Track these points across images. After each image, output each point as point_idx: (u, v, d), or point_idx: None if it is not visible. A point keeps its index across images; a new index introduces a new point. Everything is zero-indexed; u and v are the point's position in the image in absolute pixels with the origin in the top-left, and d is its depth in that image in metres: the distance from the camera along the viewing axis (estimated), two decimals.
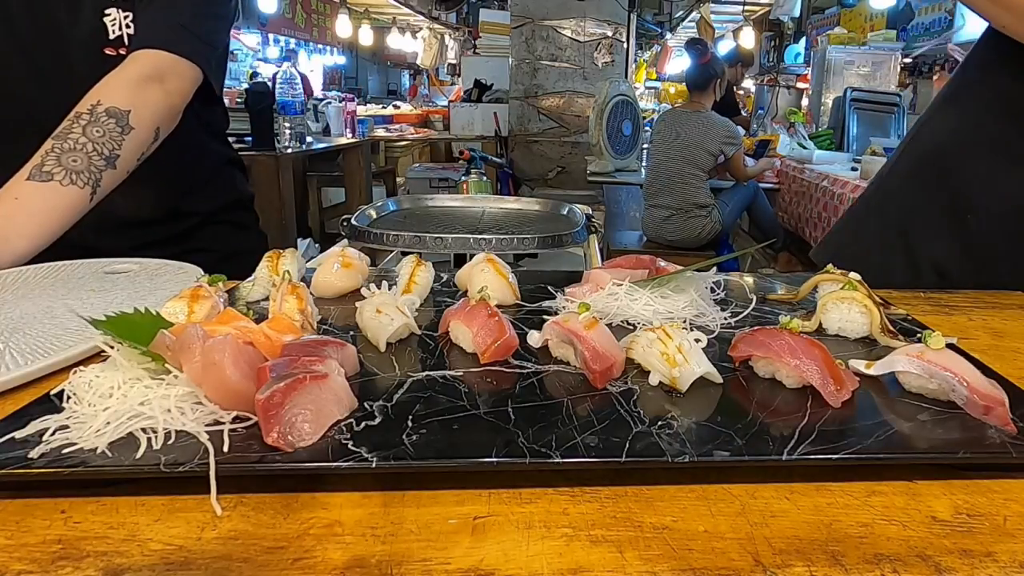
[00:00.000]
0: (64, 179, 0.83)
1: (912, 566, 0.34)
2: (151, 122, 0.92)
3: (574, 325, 0.52)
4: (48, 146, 0.84)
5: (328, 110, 5.17)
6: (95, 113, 0.87)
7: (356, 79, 10.66)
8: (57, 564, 0.34)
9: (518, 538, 0.36)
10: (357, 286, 0.72)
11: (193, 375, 0.43)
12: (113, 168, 0.88)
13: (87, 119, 0.86)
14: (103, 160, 0.86)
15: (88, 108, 0.87)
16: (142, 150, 0.92)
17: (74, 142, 0.85)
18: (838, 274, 0.68)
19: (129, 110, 0.89)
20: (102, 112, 0.87)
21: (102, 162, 0.86)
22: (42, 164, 0.83)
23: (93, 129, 0.86)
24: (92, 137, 0.86)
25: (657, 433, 0.43)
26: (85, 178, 0.85)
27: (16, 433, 0.41)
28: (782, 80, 6.67)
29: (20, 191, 0.81)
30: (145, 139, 0.92)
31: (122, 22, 0.95)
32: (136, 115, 0.89)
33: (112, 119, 0.88)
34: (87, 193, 0.85)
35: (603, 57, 5.03)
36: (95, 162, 0.86)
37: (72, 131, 0.85)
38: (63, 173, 0.83)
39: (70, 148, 0.84)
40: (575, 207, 1.33)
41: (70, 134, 0.85)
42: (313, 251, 3.93)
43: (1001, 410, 0.45)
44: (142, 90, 0.91)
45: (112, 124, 0.87)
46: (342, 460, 0.39)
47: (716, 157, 3.25)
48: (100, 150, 0.86)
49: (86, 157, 0.85)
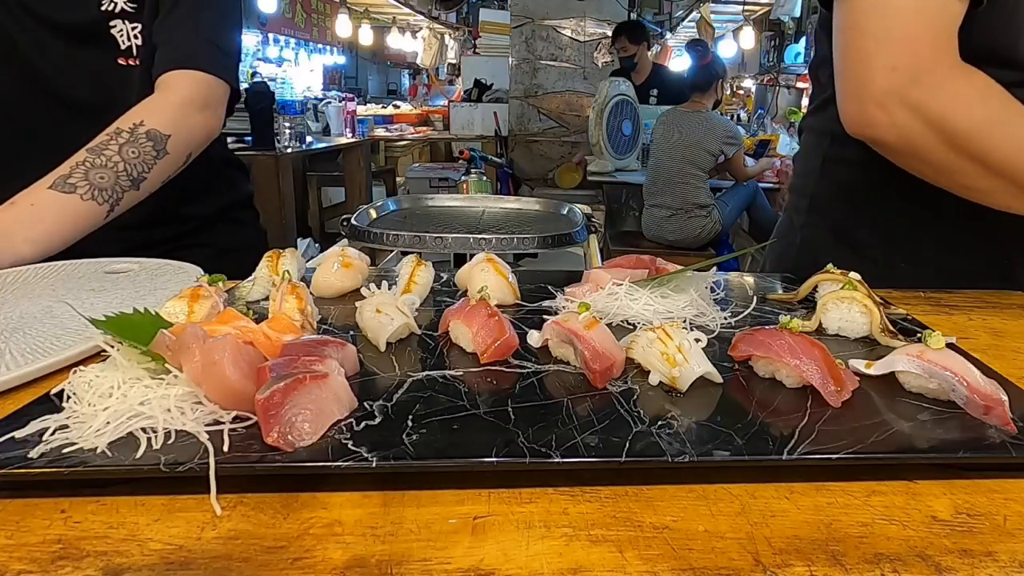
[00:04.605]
0: (86, 194, 0.83)
1: (912, 566, 0.34)
2: (186, 149, 0.93)
3: (574, 325, 0.52)
4: (80, 157, 0.84)
5: (328, 110, 5.17)
6: (135, 133, 0.87)
7: (356, 79, 10.65)
8: (57, 564, 0.34)
9: (518, 538, 0.36)
10: (357, 286, 0.72)
11: (193, 375, 0.43)
12: (136, 190, 0.88)
13: (126, 137, 0.87)
14: (129, 181, 0.87)
15: (130, 127, 0.87)
16: (169, 174, 0.93)
17: (107, 159, 0.85)
18: (838, 274, 0.68)
19: (170, 135, 0.90)
20: (143, 133, 0.88)
21: (128, 183, 0.87)
22: (69, 175, 0.83)
23: (129, 149, 0.86)
24: (126, 157, 0.86)
25: (657, 433, 0.43)
26: (107, 196, 0.85)
27: (16, 433, 0.41)
28: (782, 80, 6.66)
29: (38, 198, 0.81)
30: (176, 164, 0.93)
31: (130, 33, 0.96)
32: (175, 140, 0.90)
33: (151, 142, 0.88)
34: (104, 210, 0.85)
35: (603, 57, 5.03)
36: (121, 182, 0.86)
37: (108, 147, 0.85)
38: (87, 188, 0.83)
39: (101, 164, 0.84)
40: (575, 207, 1.33)
41: (105, 150, 0.85)
42: (313, 251, 3.94)
43: (1001, 410, 0.45)
44: (186, 117, 0.92)
45: (149, 147, 0.88)
46: (342, 460, 0.39)
47: (716, 157, 3.25)
48: (130, 171, 0.86)
49: (114, 176, 0.85)
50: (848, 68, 0.72)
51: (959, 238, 0.86)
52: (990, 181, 0.70)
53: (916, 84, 0.67)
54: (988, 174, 0.70)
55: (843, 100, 0.74)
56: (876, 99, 0.69)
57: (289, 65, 6.88)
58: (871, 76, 0.69)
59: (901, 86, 0.67)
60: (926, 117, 0.68)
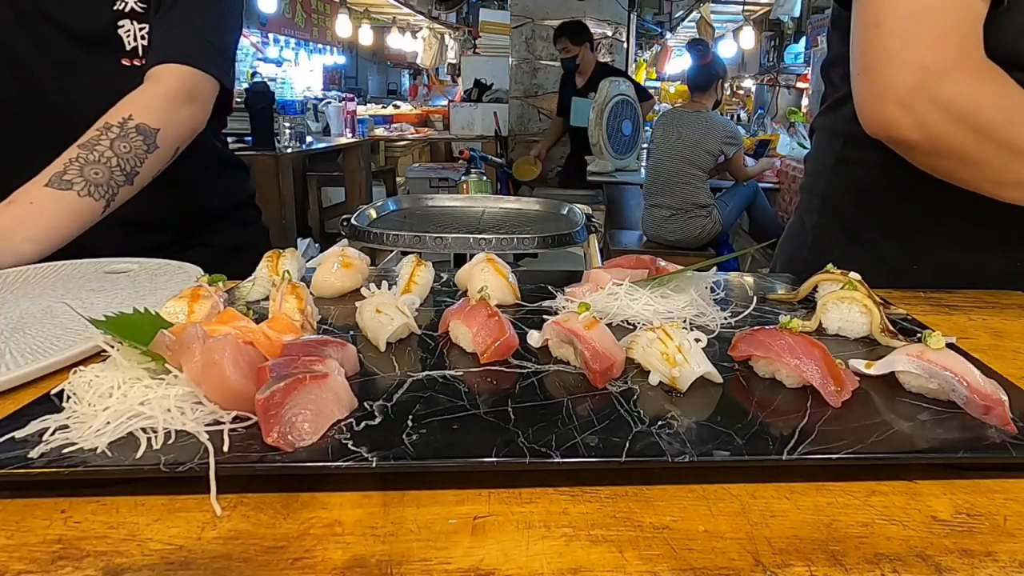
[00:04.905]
0: (83, 190, 0.83)
1: (912, 566, 0.34)
2: (175, 142, 0.94)
3: (574, 325, 0.52)
4: (72, 154, 0.85)
5: (328, 110, 5.17)
6: (125, 128, 0.88)
7: (356, 79, 10.66)
8: (57, 564, 0.34)
9: (518, 538, 0.36)
10: (357, 286, 0.72)
11: (193, 375, 0.43)
12: (131, 184, 0.88)
13: (116, 132, 0.87)
14: (123, 176, 0.87)
15: (119, 121, 0.88)
16: (159, 168, 0.93)
17: (100, 154, 0.85)
18: (838, 274, 0.68)
19: (159, 129, 0.90)
20: (132, 128, 0.88)
21: (122, 177, 0.87)
22: (64, 172, 0.83)
23: (121, 144, 0.87)
24: (118, 152, 0.86)
25: (657, 433, 0.43)
26: (103, 191, 0.85)
27: (16, 433, 0.41)
28: (782, 80, 6.67)
29: (36, 196, 0.82)
30: (166, 158, 0.93)
31: (137, 34, 0.97)
32: (164, 134, 0.91)
33: (140, 136, 0.88)
34: (101, 206, 0.85)
35: (603, 57, 5.02)
36: (116, 177, 0.86)
37: (100, 143, 0.86)
38: (83, 184, 0.83)
39: (95, 160, 0.85)
40: (575, 207, 1.33)
41: (97, 146, 0.86)
42: (313, 251, 3.94)
43: (1001, 410, 0.45)
44: (174, 110, 0.92)
45: (139, 141, 0.88)
46: (342, 460, 0.39)
47: (716, 157, 3.25)
48: (123, 166, 0.87)
49: (108, 171, 0.85)
50: (870, 67, 0.70)
51: (972, 240, 0.85)
52: (1018, 171, 0.70)
53: (946, 81, 0.66)
54: (1017, 163, 0.69)
55: (863, 101, 0.72)
56: (901, 99, 0.67)
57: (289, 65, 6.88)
58: (897, 75, 0.67)
59: (930, 84, 0.66)
60: (956, 114, 0.67)
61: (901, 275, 0.85)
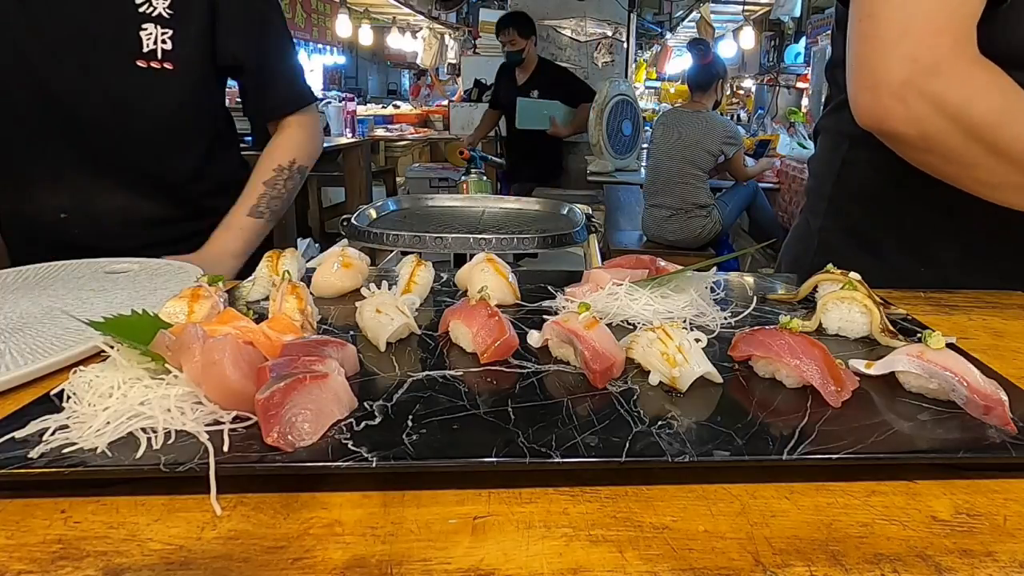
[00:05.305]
0: (269, 218, 1.12)
1: (912, 566, 0.34)
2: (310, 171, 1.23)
3: (574, 325, 0.52)
4: (262, 191, 1.12)
5: (328, 110, 5.16)
6: (292, 170, 1.15)
7: (356, 79, 10.66)
8: (57, 564, 0.34)
9: (518, 538, 0.36)
10: (357, 286, 0.72)
11: (193, 375, 0.43)
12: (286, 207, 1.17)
13: (287, 174, 1.14)
14: (286, 204, 1.16)
15: (288, 164, 1.15)
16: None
17: (279, 191, 1.13)
18: (838, 274, 0.68)
19: (307, 167, 1.19)
20: (296, 170, 1.16)
21: (286, 205, 1.16)
22: (258, 205, 1.11)
23: (290, 182, 1.15)
24: (288, 188, 1.15)
25: (657, 433, 0.43)
26: (276, 217, 1.14)
27: (16, 433, 0.41)
28: (782, 80, 6.67)
29: (240, 223, 1.09)
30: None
31: (159, 37, 1.01)
32: (308, 169, 1.20)
33: (299, 175, 1.17)
34: (271, 227, 1.13)
35: (603, 57, 5.02)
36: (284, 205, 1.15)
37: (278, 182, 1.13)
38: (269, 213, 1.12)
39: (276, 195, 1.13)
40: (575, 207, 1.33)
41: (277, 183, 1.13)
42: (313, 251, 3.93)
43: (1001, 410, 0.45)
44: (317, 148, 1.22)
45: (298, 179, 1.17)
46: (342, 460, 0.39)
47: (716, 157, 3.25)
48: (288, 198, 1.16)
49: (282, 203, 1.14)
50: (864, 58, 0.70)
51: (978, 242, 0.85)
52: (1007, 174, 0.69)
53: (936, 76, 0.66)
54: (1006, 167, 0.68)
55: (857, 91, 0.72)
56: (893, 90, 0.67)
57: None
58: (889, 67, 0.67)
59: (920, 77, 0.66)
60: (945, 109, 0.67)
61: (908, 277, 0.84)
